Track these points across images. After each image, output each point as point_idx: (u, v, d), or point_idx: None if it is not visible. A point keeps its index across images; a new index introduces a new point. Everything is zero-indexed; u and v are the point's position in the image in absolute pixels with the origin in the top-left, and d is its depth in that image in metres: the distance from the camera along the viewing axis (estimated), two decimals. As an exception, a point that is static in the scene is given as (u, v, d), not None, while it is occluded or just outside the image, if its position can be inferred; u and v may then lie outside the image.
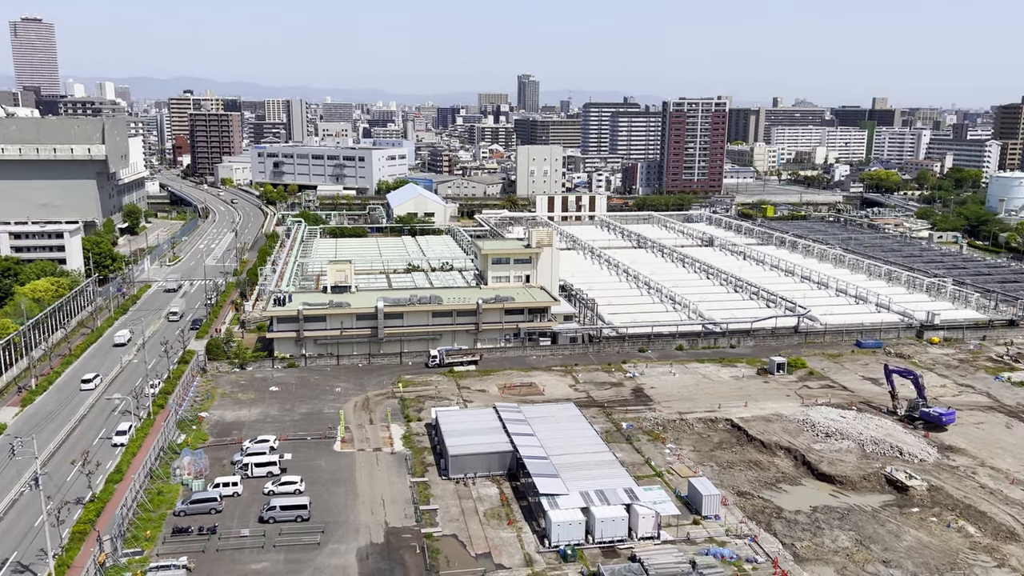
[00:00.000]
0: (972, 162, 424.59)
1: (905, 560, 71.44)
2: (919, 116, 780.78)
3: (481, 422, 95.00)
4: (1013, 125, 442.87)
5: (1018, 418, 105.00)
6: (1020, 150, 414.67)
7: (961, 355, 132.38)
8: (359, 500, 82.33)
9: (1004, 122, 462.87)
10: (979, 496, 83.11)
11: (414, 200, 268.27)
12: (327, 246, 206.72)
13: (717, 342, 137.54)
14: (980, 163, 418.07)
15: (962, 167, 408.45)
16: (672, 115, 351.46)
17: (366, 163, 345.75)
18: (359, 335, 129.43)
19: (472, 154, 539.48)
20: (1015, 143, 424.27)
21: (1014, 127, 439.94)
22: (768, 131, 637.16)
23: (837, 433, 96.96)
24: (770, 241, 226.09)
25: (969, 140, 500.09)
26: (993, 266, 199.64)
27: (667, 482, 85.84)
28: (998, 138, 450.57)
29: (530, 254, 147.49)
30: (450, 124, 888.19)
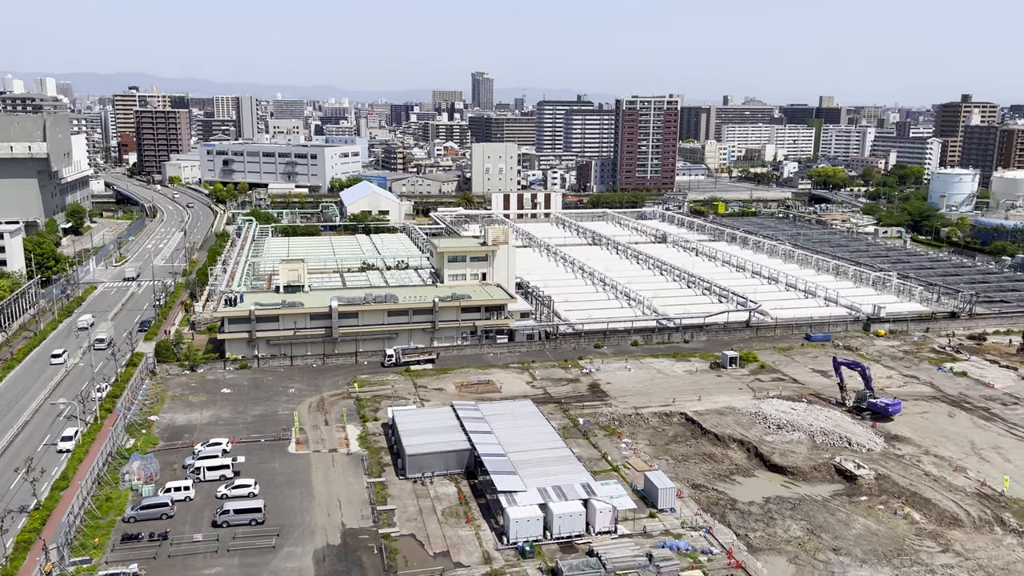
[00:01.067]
0: (915, 159, 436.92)
1: (854, 547, 73.28)
2: (864, 114, 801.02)
3: (438, 421, 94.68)
4: (953, 123, 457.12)
5: (960, 407, 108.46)
6: (960, 147, 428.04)
7: (906, 347, 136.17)
8: (315, 502, 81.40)
9: (944, 120, 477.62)
10: (924, 483, 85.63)
11: (368, 198, 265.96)
12: (279, 245, 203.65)
13: (671, 337, 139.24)
14: (922, 160, 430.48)
15: (905, 164, 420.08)
16: (625, 113, 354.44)
17: (318, 161, 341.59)
18: (313, 335, 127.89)
19: (427, 151, 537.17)
20: (955, 140, 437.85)
21: (953, 125, 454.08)
22: (719, 129, 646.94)
23: (788, 425, 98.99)
24: (721, 237, 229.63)
25: (912, 138, 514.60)
26: (935, 260, 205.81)
27: (623, 476, 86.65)
28: (939, 136, 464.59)
29: (486, 252, 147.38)
30: (404, 121, 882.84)
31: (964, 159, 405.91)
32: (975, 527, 77.02)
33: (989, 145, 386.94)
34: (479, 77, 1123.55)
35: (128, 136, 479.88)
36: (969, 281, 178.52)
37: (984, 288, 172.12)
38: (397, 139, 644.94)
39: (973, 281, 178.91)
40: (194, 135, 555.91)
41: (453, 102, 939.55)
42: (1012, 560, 71.51)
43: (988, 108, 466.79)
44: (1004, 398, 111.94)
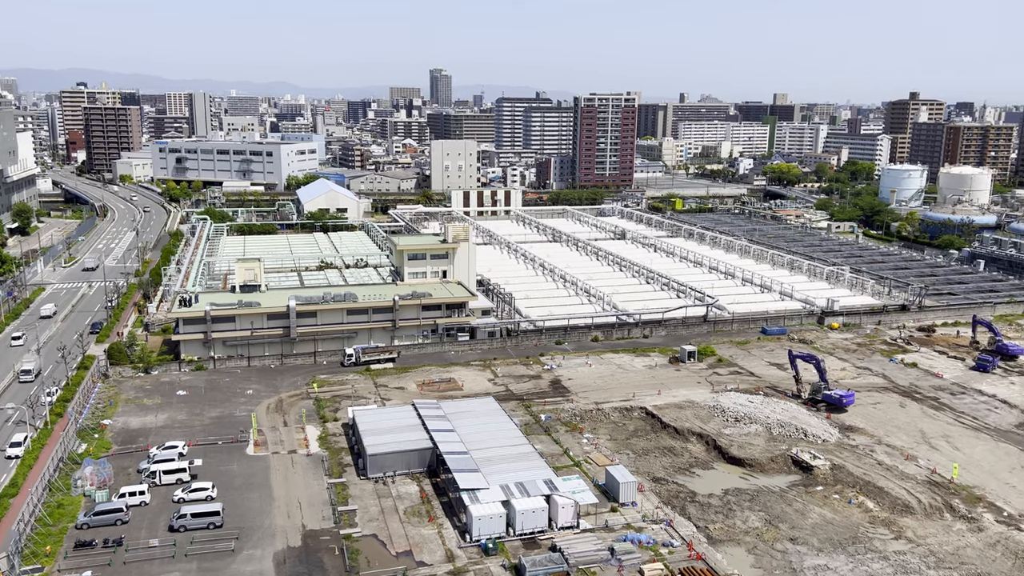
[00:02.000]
0: (866, 155, 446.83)
1: (811, 537, 74.75)
2: (817, 111, 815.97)
3: (400, 420, 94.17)
4: (902, 120, 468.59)
5: (910, 397, 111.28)
6: (909, 144, 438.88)
7: (859, 339, 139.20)
8: (275, 504, 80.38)
9: (894, 117, 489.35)
10: (877, 473, 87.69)
11: (325, 196, 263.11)
12: (235, 244, 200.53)
13: (631, 333, 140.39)
14: (873, 156, 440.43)
15: (857, 160, 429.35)
16: (583, 110, 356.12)
17: (274, 158, 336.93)
18: (270, 335, 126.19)
19: (385, 148, 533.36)
20: (904, 137, 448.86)
21: (902, 122, 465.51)
22: (676, 126, 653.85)
23: (746, 418, 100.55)
24: (679, 233, 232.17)
25: (863, 134, 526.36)
26: (886, 254, 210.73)
27: (585, 471, 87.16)
28: (889, 132, 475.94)
29: (446, 249, 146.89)
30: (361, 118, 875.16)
31: (913, 155, 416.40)
32: (926, 514, 79.14)
33: (936, 142, 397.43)
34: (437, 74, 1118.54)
35: (77, 134, 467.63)
36: (918, 274, 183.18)
37: (933, 281, 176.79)
38: (355, 136, 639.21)
39: (922, 274, 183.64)
40: (146, 132, 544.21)
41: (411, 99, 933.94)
42: (961, 545, 73.64)
43: (935, 106, 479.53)
44: (952, 388, 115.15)
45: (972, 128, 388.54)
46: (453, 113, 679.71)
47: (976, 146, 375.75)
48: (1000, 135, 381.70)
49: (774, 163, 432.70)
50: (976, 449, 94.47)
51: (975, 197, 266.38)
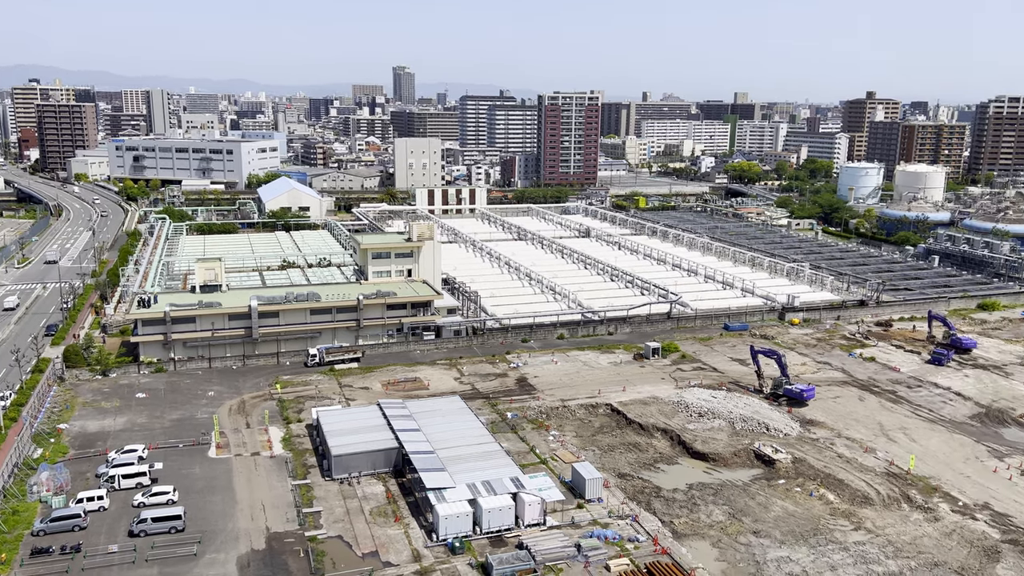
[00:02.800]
0: (824, 153, 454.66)
1: (773, 530, 75.88)
2: (777, 110, 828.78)
3: (365, 420, 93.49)
4: (859, 119, 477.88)
5: (869, 391, 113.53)
6: (866, 142, 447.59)
7: (818, 334, 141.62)
8: (238, 507, 79.29)
9: (851, 116, 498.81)
10: (837, 465, 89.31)
11: (287, 194, 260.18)
12: (195, 243, 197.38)
13: (596, 330, 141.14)
14: (831, 154, 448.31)
15: (816, 158, 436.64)
16: (547, 108, 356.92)
17: (235, 156, 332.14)
18: (232, 336, 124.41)
19: (348, 146, 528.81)
20: (861, 135, 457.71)
21: (860, 121, 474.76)
22: (639, 125, 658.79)
23: (709, 413, 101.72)
24: (643, 231, 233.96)
25: (821, 133, 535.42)
26: (845, 251, 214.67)
27: (551, 468, 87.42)
28: (846, 131, 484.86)
29: (411, 248, 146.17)
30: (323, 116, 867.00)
31: (870, 153, 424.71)
32: (884, 505, 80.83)
33: (892, 140, 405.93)
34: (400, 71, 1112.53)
35: (30, 131, 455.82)
36: (876, 270, 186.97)
37: (890, 277, 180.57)
38: (317, 134, 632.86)
39: (879, 270, 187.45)
40: (102, 130, 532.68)
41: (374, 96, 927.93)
42: (919, 535, 75.35)
43: (891, 105, 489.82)
44: (909, 381, 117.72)
45: (926, 127, 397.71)
46: (417, 111, 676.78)
47: (930, 144, 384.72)
48: (953, 134, 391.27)
49: (735, 161, 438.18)
50: (932, 441, 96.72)
51: (930, 194, 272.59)
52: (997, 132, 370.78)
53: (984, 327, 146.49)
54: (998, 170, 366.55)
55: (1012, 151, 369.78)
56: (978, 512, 79.76)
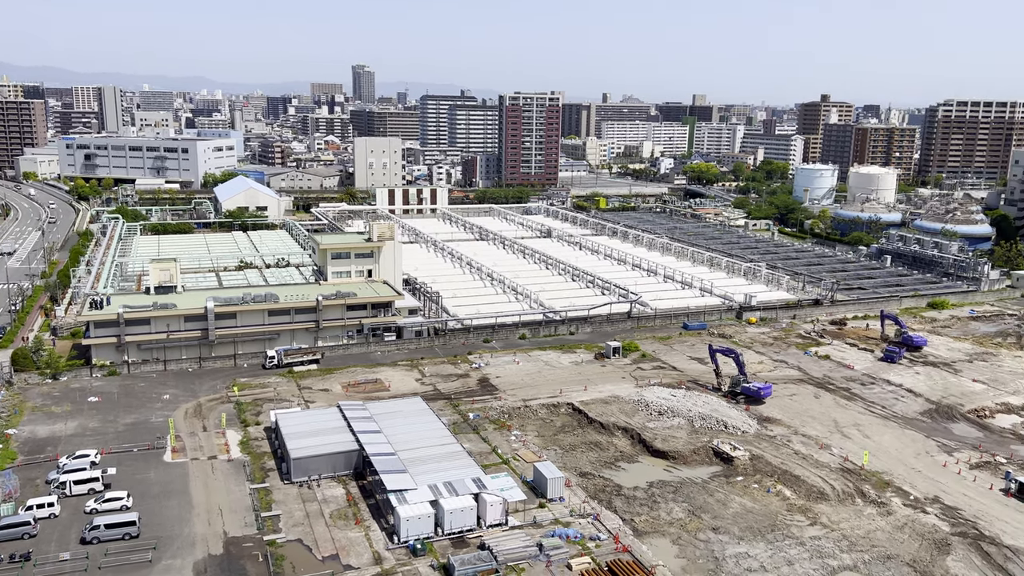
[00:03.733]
0: (780, 155, 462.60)
1: (732, 526, 76.93)
2: (734, 112, 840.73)
3: (324, 422, 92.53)
4: (814, 121, 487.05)
5: (824, 389, 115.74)
6: (820, 144, 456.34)
7: (775, 333, 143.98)
8: (194, 511, 77.88)
9: (806, 118, 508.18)
10: (794, 462, 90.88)
11: (244, 193, 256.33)
12: (149, 244, 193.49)
13: (557, 330, 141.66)
14: (787, 156, 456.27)
15: (772, 160, 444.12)
16: (508, 109, 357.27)
17: (190, 155, 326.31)
18: (188, 338, 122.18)
19: (307, 145, 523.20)
20: (815, 138, 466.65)
21: (815, 123, 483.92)
22: (599, 126, 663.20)
23: (669, 411, 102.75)
24: (603, 232, 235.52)
25: (777, 135, 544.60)
26: (800, 251, 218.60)
27: (513, 468, 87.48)
28: (802, 133, 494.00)
29: (372, 248, 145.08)
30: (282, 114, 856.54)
31: (824, 155, 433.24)
32: (839, 500, 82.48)
33: (846, 142, 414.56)
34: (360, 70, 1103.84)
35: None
36: (831, 270, 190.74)
37: (844, 276, 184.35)
38: (275, 132, 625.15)
39: (834, 270, 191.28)
40: (51, 128, 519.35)
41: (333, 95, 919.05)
42: (872, 529, 77.04)
43: (844, 108, 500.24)
44: (863, 379, 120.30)
45: (879, 130, 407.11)
46: (377, 110, 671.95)
47: (882, 147, 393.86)
48: (904, 136, 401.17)
49: (694, 163, 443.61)
50: (885, 437, 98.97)
51: (882, 196, 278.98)
52: (946, 135, 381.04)
53: (934, 325, 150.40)
54: (947, 172, 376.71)
55: (960, 154, 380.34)
56: (929, 506, 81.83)
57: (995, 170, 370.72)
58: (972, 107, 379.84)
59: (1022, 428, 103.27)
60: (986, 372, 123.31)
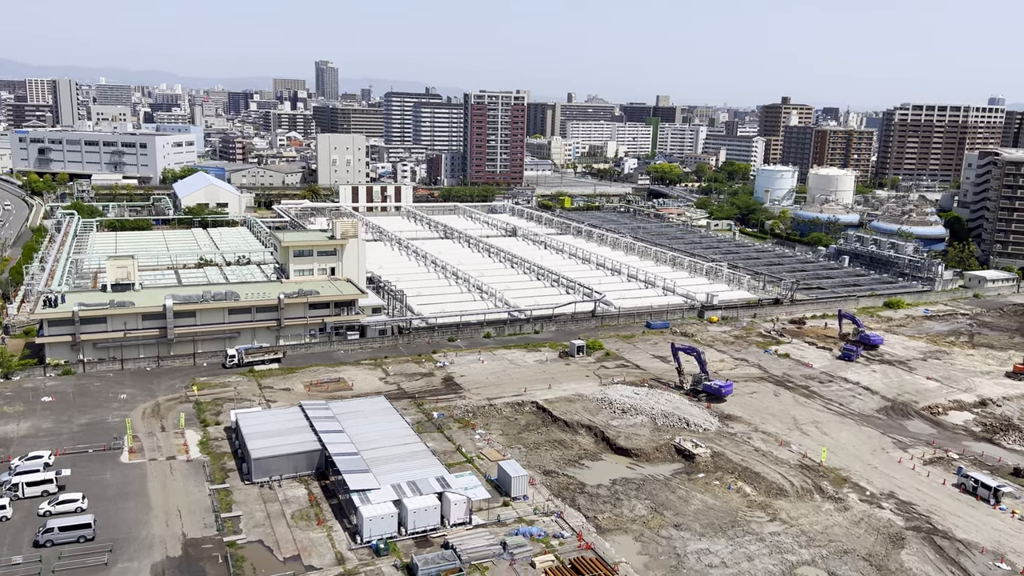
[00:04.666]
0: (742, 156, 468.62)
1: (693, 522, 77.77)
2: (697, 114, 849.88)
3: (286, 422, 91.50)
4: (775, 123, 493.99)
5: (784, 386, 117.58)
6: (781, 146, 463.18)
7: (736, 332, 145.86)
8: (152, 513, 76.47)
9: (767, 120, 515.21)
10: (754, 459, 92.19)
11: (205, 189, 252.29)
12: (106, 240, 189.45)
13: (522, 328, 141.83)
14: (748, 157, 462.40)
15: (734, 161, 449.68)
16: (474, 107, 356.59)
17: (148, 150, 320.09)
18: (146, 336, 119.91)
19: (268, 141, 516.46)
20: (776, 139, 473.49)
21: (775, 125, 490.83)
22: (564, 125, 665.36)
23: (632, 409, 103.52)
24: (568, 231, 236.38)
25: (739, 136, 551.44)
26: (761, 251, 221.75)
27: (478, 467, 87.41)
28: (763, 135, 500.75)
29: (335, 246, 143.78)
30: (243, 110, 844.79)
31: (785, 157, 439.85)
32: (798, 496, 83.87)
33: (806, 144, 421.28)
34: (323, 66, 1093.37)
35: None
36: (790, 270, 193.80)
37: (803, 276, 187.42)
38: (236, 128, 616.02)
39: (794, 270, 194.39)
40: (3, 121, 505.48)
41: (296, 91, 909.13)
42: (830, 524, 78.48)
43: (804, 110, 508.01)
44: (821, 376, 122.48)
45: (838, 132, 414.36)
46: (340, 106, 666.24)
47: (841, 149, 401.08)
48: (862, 139, 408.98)
49: (657, 163, 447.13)
50: (842, 433, 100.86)
51: (840, 197, 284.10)
52: (902, 138, 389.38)
53: (890, 324, 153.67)
54: (903, 174, 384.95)
55: (915, 156, 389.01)
56: (884, 501, 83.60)
57: (949, 173, 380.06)
58: (927, 111, 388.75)
59: (974, 425, 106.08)
60: (939, 370, 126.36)
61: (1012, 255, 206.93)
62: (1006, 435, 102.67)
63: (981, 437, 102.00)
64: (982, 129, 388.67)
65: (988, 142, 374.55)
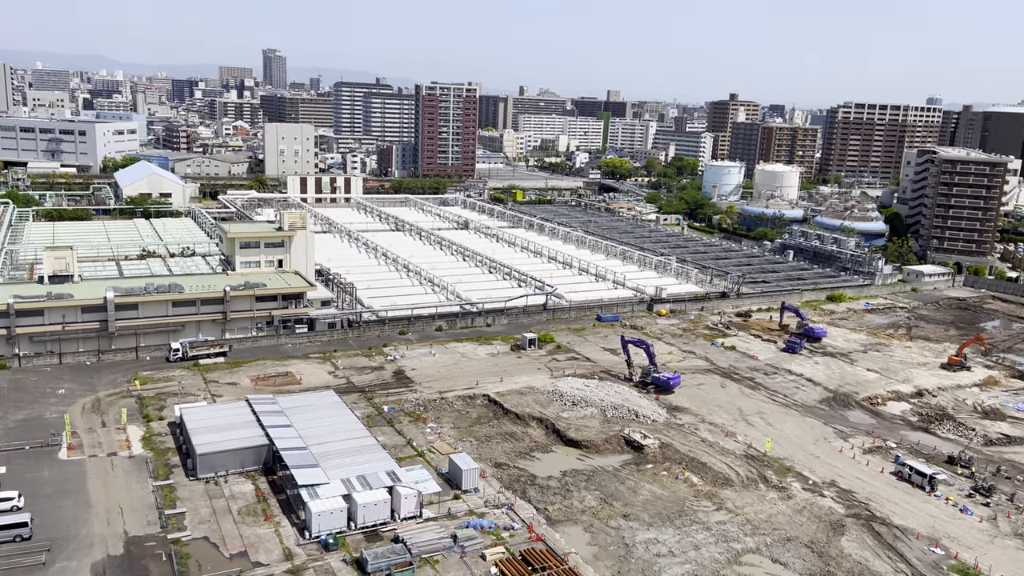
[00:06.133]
0: (691, 151, 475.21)
1: (642, 512, 78.81)
2: (647, 109, 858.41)
3: (232, 416, 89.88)
4: (723, 119, 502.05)
5: (730, 378, 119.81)
6: (728, 142, 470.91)
7: (684, 325, 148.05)
8: (92, 511, 74.41)
9: (715, 116, 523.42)
10: (701, 449, 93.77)
11: (147, 179, 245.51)
12: (43, 231, 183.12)
13: (474, 321, 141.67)
14: (697, 153, 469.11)
15: (683, 156, 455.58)
16: (425, 99, 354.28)
17: (88, 138, 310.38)
18: (86, 330, 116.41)
19: (214, 131, 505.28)
20: (724, 135, 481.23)
21: (723, 121, 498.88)
22: (516, 119, 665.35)
23: (582, 401, 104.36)
24: (520, 224, 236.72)
25: (688, 132, 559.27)
26: (709, 245, 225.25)
27: (428, 461, 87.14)
28: (711, 131, 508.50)
29: (282, 237, 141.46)
30: (188, 98, 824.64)
31: (732, 152, 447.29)
32: (743, 485, 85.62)
33: (752, 140, 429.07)
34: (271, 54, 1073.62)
35: None
36: (737, 264, 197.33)
37: (749, 270, 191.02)
38: (180, 116, 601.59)
39: (740, 264, 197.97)
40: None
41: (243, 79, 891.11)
42: (774, 512, 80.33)
43: (751, 107, 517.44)
44: (766, 368, 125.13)
45: (783, 129, 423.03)
46: (288, 96, 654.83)
47: (787, 145, 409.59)
48: (807, 136, 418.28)
49: (608, 158, 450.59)
50: (786, 424, 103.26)
51: (786, 193, 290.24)
52: (845, 135, 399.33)
53: (832, 317, 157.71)
54: (845, 171, 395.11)
55: (858, 153, 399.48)
56: (826, 489, 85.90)
57: (889, 170, 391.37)
58: (869, 109, 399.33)
59: (911, 415, 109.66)
60: (879, 362, 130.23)
61: (948, 250, 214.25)
62: (941, 424, 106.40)
63: (917, 426, 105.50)
64: (920, 128, 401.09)
65: (926, 141, 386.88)
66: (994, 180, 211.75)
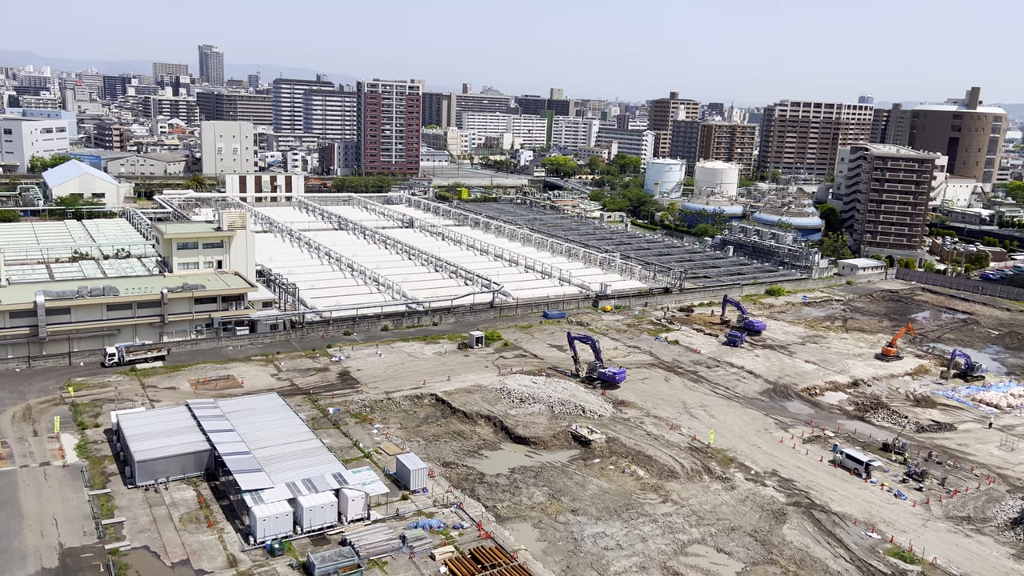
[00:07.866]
0: (633, 149, 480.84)
1: (590, 507, 79.50)
2: (590, 107, 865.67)
3: (172, 422, 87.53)
4: (663, 118, 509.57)
5: (674, 372, 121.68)
6: (670, 140, 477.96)
7: (629, 320, 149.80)
8: (25, 522, 71.64)
9: (657, 115, 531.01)
10: (646, 443, 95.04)
11: (79, 179, 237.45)
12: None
13: (420, 320, 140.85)
14: (639, 151, 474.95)
15: (625, 154, 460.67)
16: (367, 96, 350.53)
17: (14, 136, 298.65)
18: (14, 335, 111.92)
19: (148, 129, 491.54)
20: (665, 133, 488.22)
21: (664, 119, 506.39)
22: (460, 116, 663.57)
23: (530, 398, 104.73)
24: (466, 222, 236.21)
25: (630, 130, 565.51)
26: (652, 241, 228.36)
27: (376, 462, 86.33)
28: (653, 129, 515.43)
29: (221, 238, 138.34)
30: (120, 95, 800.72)
31: (673, 150, 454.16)
32: (688, 477, 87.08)
33: (693, 138, 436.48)
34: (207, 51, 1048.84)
35: None
36: (679, 260, 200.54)
37: (691, 266, 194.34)
38: (112, 114, 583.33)
39: (682, 260, 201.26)
40: None
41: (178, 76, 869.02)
42: (718, 503, 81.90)
43: (691, 105, 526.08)
44: (708, 362, 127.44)
45: (723, 127, 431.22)
46: (226, 93, 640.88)
47: (726, 143, 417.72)
48: (745, 133, 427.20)
49: (552, 155, 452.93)
50: (729, 416, 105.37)
51: (725, 189, 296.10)
52: (781, 133, 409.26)
53: (772, 311, 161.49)
54: (783, 167, 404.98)
55: (794, 150, 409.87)
56: (768, 479, 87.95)
57: (824, 166, 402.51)
58: (804, 107, 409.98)
59: (847, 404, 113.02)
60: (816, 353, 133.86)
61: (880, 244, 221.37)
62: (876, 413, 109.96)
63: (854, 415, 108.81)
64: (853, 125, 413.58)
65: (859, 138, 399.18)
66: (923, 176, 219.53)
